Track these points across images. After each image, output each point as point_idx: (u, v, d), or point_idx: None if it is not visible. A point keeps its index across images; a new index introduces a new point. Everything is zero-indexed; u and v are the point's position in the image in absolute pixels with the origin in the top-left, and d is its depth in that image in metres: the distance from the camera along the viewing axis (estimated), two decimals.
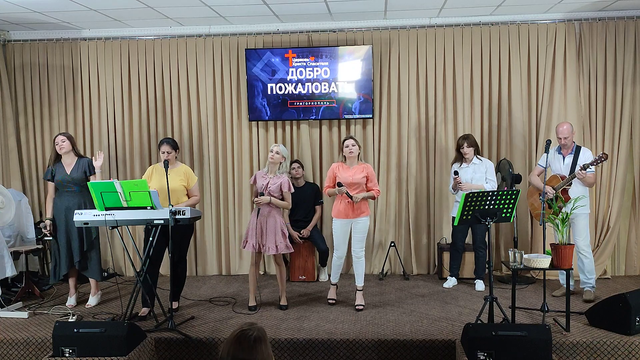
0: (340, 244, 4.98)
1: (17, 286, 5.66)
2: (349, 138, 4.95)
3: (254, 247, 4.85)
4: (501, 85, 6.10)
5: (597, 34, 5.92)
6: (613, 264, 6.13)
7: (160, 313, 4.71)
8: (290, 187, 4.91)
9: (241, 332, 2.15)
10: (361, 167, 4.93)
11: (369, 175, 4.91)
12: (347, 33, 6.26)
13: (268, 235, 4.84)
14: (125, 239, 5.46)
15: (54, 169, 5.07)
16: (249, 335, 2.13)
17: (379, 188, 5.01)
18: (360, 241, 4.95)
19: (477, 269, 5.67)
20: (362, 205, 4.90)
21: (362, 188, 4.89)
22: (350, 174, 4.88)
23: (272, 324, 4.55)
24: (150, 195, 4.36)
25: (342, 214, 4.90)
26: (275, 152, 4.86)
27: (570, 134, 4.95)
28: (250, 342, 2.11)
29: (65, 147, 5.04)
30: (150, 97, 6.42)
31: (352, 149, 4.88)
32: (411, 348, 4.09)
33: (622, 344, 3.95)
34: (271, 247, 4.84)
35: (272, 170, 4.91)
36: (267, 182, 4.86)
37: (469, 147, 5.48)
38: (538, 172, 5.25)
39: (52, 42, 6.46)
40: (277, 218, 4.90)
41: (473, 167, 5.52)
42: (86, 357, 3.75)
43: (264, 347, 2.13)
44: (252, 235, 4.87)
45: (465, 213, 4.25)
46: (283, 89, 6.24)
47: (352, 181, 4.84)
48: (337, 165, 4.99)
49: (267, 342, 2.16)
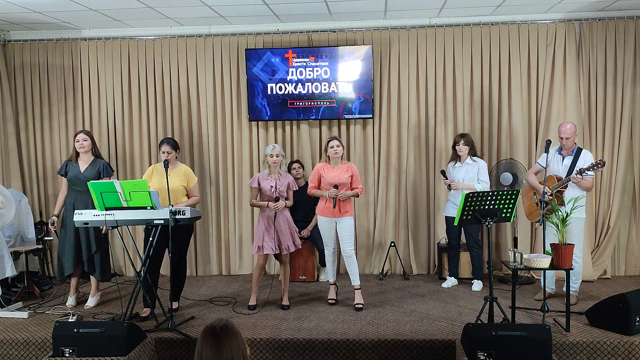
0: (328, 239, 5.08)
1: (17, 286, 5.66)
2: (334, 139, 5.01)
3: (272, 250, 4.88)
4: (501, 85, 6.10)
5: (597, 34, 5.92)
6: (613, 264, 6.13)
7: (160, 313, 4.71)
8: (295, 185, 5.11)
9: (206, 329, 2.17)
10: (346, 167, 4.99)
11: (354, 175, 5.00)
12: (347, 33, 6.26)
13: (285, 235, 4.94)
14: (125, 239, 5.46)
15: (68, 165, 5.08)
16: (213, 329, 2.14)
17: (362, 187, 5.09)
18: (348, 240, 5.00)
19: (474, 268, 5.68)
20: (347, 205, 4.97)
21: (347, 187, 4.97)
22: (336, 174, 4.94)
23: (272, 324, 4.55)
24: (150, 195, 4.36)
25: (327, 211, 4.97)
26: (276, 156, 4.90)
27: (572, 134, 4.88)
28: (215, 336, 2.12)
29: (86, 146, 5.05)
30: (150, 97, 6.42)
31: (337, 149, 4.95)
32: (411, 348, 4.09)
33: (622, 344, 3.95)
34: (290, 245, 4.96)
35: (275, 172, 4.94)
36: (274, 183, 4.89)
37: (464, 145, 5.51)
38: (535, 171, 5.23)
39: (52, 42, 6.46)
40: (288, 216, 5.04)
41: (466, 167, 5.54)
42: (86, 357, 3.74)
43: (231, 340, 2.13)
44: (269, 238, 4.89)
45: (465, 213, 4.25)
46: (283, 89, 6.24)
47: (339, 181, 4.92)
48: (322, 166, 5.04)
49: (235, 335, 2.15)
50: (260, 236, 4.94)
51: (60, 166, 5.34)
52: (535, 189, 5.17)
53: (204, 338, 2.15)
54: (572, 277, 4.99)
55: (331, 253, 5.12)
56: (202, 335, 2.16)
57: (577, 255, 4.89)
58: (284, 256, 5.01)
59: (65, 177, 5.09)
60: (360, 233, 6.37)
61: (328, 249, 5.12)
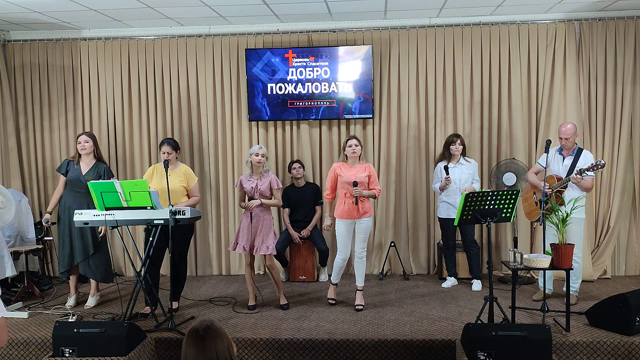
0: (343, 245, 4.97)
1: (17, 286, 5.67)
2: (353, 138, 4.97)
3: (244, 249, 4.88)
4: (501, 85, 6.10)
5: (597, 34, 5.92)
6: (613, 264, 6.13)
7: (160, 313, 4.71)
8: (279, 184, 4.98)
9: (189, 331, 2.17)
10: (363, 167, 4.95)
11: (371, 175, 4.94)
12: (347, 33, 6.26)
13: (261, 236, 4.89)
14: (125, 239, 5.46)
15: (69, 165, 5.07)
16: (196, 330, 2.14)
17: (380, 187, 5.02)
18: (363, 241, 4.97)
19: (472, 268, 5.68)
20: (366, 204, 4.92)
21: (364, 187, 4.90)
22: (353, 173, 4.89)
23: (272, 324, 4.55)
24: (150, 195, 4.36)
25: (346, 214, 4.89)
26: (261, 155, 4.87)
27: (572, 134, 4.88)
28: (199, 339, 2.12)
29: (87, 148, 5.05)
30: (150, 97, 6.42)
31: (356, 149, 4.90)
32: (411, 348, 4.09)
33: (622, 344, 3.95)
34: (263, 247, 4.88)
35: (257, 172, 4.93)
36: (255, 184, 4.89)
37: (460, 145, 5.55)
38: (536, 171, 5.24)
39: (52, 42, 6.46)
40: (269, 219, 4.96)
41: (461, 167, 5.56)
42: (86, 357, 3.75)
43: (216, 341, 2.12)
44: (242, 236, 4.90)
45: (466, 213, 4.25)
46: (283, 89, 6.24)
47: (356, 180, 4.85)
48: (339, 165, 5.00)
49: (219, 336, 2.14)
50: (236, 234, 4.98)
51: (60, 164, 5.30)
52: (535, 188, 5.17)
53: (188, 340, 2.15)
54: (572, 277, 4.99)
55: (342, 259, 5.01)
56: (186, 338, 2.16)
57: (577, 255, 4.89)
58: (267, 257, 4.97)
59: (64, 176, 5.08)
60: None
61: (340, 255, 5.00)
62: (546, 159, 4.94)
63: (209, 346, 2.10)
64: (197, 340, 2.12)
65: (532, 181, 5.21)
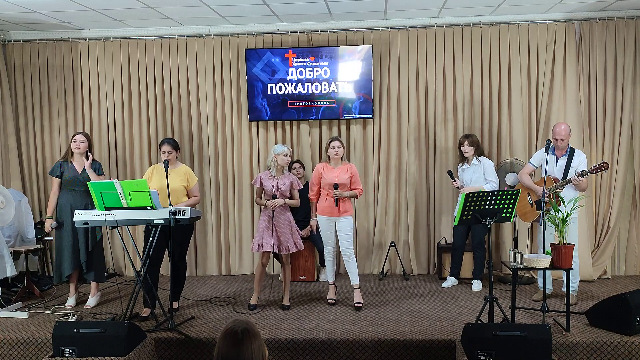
0: (327, 238, 5.08)
1: (17, 286, 5.66)
2: (335, 139, 5.03)
3: (272, 248, 4.87)
4: (501, 85, 6.10)
5: (597, 34, 5.92)
6: (613, 264, 6.13)
7: (160, 313, 4.71)
8: (300, 184, 5.09)
9: (227, 329, 2.16)
10: (345, 168, 5.01)
11: (354, 175, 5.01)
12: (347, 33, 6.26)
13: (286, 235, 4.93)
14: (125, 238, 5.46)
15: (63, 166, 5.07)
16: (235, 331, 2.13)
17: (361, 187, 5.10)
18: (347, 239, 5.01)
19: (475, 269, 5.68)
20: (347, 204, 4.99)
21: (347, 187, 4.98)
22: (336, 175, 4.95)
23: (272, 324, 4.55)
24: (150, 195, 4.36)
25: (326, 211, 4.99)
26: (289, 156, 4.94)
27: (567, 135, 4.88)
28: (237, 338, 2.11)
29: (82, 148, 5.06)
30: (150, 97, 6.42)
31: (338, 150, 4.97)
32: (411, 348, 4.09)
33: (622, 344, 3.95)
34: (290, 245, 4.94)
35: (280, 171, 4.94)
36: (276, 183, 4.90)
37: (469, 146, 5.51)
38: (528, 171, 5.21)
39: (52, 42, 6.46)
40: (290, 217, 5.01)
41: (473, 167, 5.55)
42: (86, 357, 3.74)
43: (252, 341, 2.12)
44: (267, 236, 4.89)
45: (465, 213, 4.25)
46: (283, 89, 6.24)
47: (338, 181, 4.92)
48: (322, 166, 5.05)
49: (255, 336, 2.14)
50: (260, 234, 4.95)
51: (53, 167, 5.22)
52: (529, 189, 5.15)
53: (225, 340, 2.13)
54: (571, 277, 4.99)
55: (331, 253, 5.12)
56: (223, 337, 2.14)
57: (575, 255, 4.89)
58: (284, 257, 5.01)
59: (59, 179, 5.07)
60: (360, 233, 6.37)
61: (327, 249, 5.12)
62: (546, 159, 4.93)
63: (245, 348, 2.10)
64: (234, 341, 2.11)
65: (526, 183, 5.17)
